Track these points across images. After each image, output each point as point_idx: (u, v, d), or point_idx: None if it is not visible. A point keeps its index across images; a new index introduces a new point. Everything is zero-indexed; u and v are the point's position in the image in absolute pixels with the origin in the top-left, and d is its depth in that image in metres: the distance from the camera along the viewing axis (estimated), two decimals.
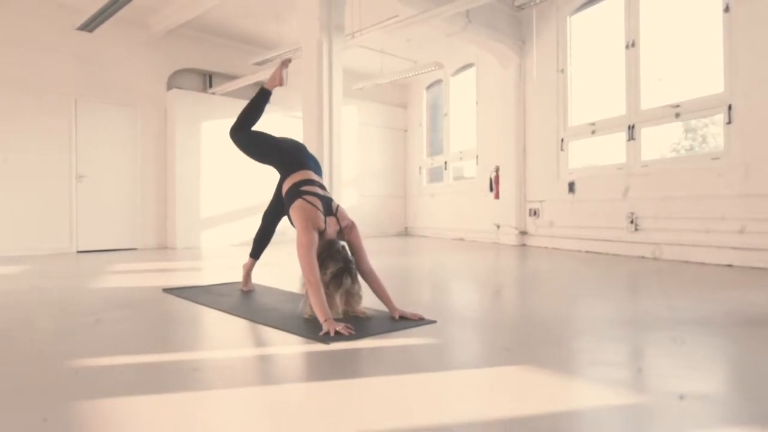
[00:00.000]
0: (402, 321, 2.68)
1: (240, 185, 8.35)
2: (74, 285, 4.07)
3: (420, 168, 10.99)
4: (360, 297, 2.76)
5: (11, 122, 6.56)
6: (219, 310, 3.03)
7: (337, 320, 2.51)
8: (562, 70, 7.19)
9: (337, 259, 2.69)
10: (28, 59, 6.68)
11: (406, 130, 11.53)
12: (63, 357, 2.10)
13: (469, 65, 9.48)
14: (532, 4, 6.18)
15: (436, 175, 10.76)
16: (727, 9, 5.14)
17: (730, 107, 5.12)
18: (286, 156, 3.11)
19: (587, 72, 7.06)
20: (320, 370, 2.01)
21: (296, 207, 2.78)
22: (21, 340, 2.40)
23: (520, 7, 6.29)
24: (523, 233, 7.90)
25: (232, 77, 8.63)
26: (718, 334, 2.52)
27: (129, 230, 7.66)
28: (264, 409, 1.60)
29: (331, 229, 2.80)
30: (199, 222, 8.12)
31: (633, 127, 6.15)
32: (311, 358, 2.13)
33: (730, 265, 5.05)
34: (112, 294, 3.64)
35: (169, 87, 8.11)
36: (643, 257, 5.95)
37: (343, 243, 2.83)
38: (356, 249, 2.84)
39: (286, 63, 3.61)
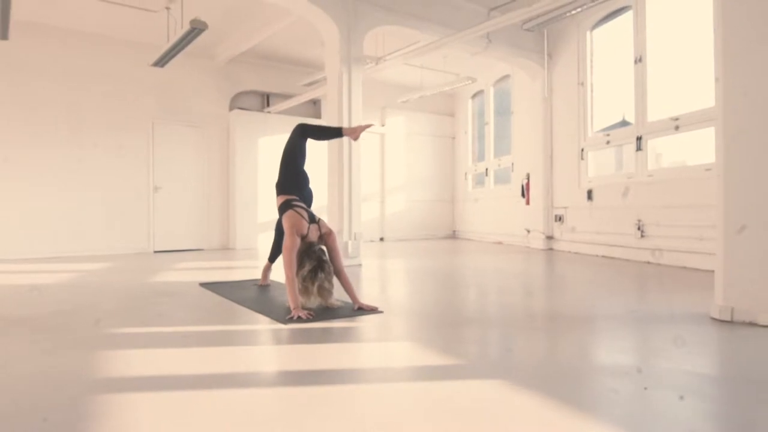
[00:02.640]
0: (358, 310, 3.42)
1: None
2: (138, 279, 5.16)
3: (465, 174, 11.54)
4: (330, 291, 3.51)
5: (101, 144, 7.94)
6: (231, 300, 3.92)
7: (307, 309, 3.29)
8: (582, 83, 7.55)
9: (312, 258, 3.47)
10: (114, 91, 8.04)
11: (453, 138, 12.10)
12: (104, 326, 3.05)
13: (506, 77, 9.94)
14: (544, 25, 6.62)
15: (481, 181, 11.26)
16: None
17: None
18: (299, 180, 3.90)
19: (605, 85, 7.37)
20: (275, 339, 2.82)
21: (288, 215, 3.61)
22: (81, 315, 3.39)
23: (529, 30, 6.75)
24: (550, 238, 8.29)
25: (287, 96, 9.66)
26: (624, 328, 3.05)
27: (197, 233, 8.90)
28: (227, 357, 2.42)
29: (313, 234, 3.60)
30: (256, 226, 9.23)
31: (640, 138, 6.44)
32: (273, 333, 2.94)
33: (712, 271, 5.28)
34: (161, 286, 4.65)
35: (231, 107, 9.28)
36: (648, 262, 6.24)
37: (322, 246, 3.61)
38: (332, 251, 3.62)
39: (368, 126, 4.33)
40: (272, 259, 4.65)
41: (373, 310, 3.43)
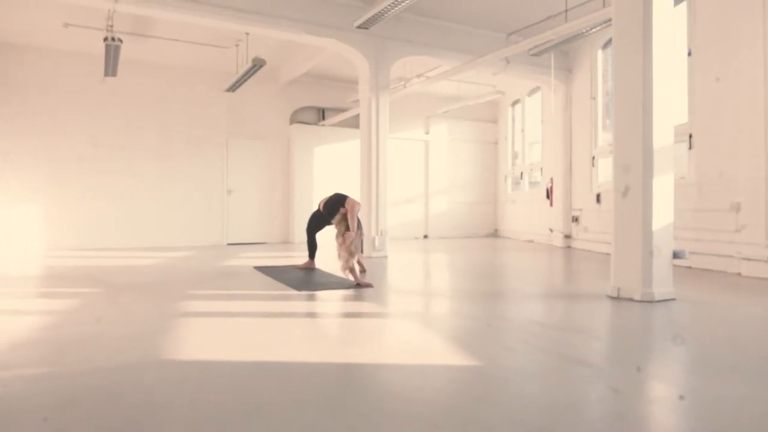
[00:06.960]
0: (357, 286, 4.69)
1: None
2: (210, 263, 6.72)
3: (505, 177, 12.47)
4: (358, 249, 4.83)
5: (187, 156, 9.72)
6: (272, 277, 5.32)
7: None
8: (594, 97, 8.37)
9: (361, 226, 4.86)
10: (195, 112, 9.80)
11: (496, 143, 13.03)
12: (182, 290, 4.52)
13: (538, 88, 10.80)
14: (552, 48, 7.54)
15: (518, 184, 12.17)
16: (690, 53, 6.14)
17: (690, 136, 6.13)
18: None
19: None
20: (294, 298, 4.17)
21: (357, 200, 5.16)
22: (168, 284, 4.90)
23: (537, 55, 7.70)
24: (568, 237, 9.15)
25: (339, 110, 11.07)
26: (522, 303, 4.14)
27: (262, 228, 10.53)
28: (259, 305, 3.78)
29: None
30: None
31: None
32: (294, 296, 4.29)
33: (689, 267, 6.08)
34: (225, 269, 6.16)
35: (291, 122, 10.82)
36: None
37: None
38: None
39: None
40: (312, 256, 6.03)
41: (368, 286, 4.69)
